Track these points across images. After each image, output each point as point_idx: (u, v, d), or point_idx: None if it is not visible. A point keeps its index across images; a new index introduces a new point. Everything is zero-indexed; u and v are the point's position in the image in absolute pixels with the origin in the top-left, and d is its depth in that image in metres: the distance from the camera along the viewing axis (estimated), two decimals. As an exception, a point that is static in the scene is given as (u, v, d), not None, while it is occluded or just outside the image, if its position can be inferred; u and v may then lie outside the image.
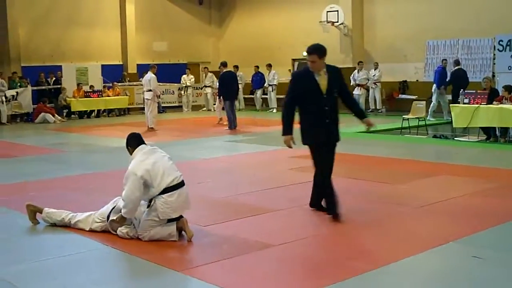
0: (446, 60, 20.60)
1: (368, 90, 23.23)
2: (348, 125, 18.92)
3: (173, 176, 6.51)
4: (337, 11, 24.20)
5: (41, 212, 7.24)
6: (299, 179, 10.00)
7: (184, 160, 12.48)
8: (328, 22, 24.29)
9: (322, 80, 7.39)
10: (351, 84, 22.69)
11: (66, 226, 7.09)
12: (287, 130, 7.63)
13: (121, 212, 6.55)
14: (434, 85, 20.05)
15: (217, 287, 5.20)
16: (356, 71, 23.08)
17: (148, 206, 6.54)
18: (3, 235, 7.09)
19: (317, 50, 7.44)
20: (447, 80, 19.84)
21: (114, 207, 6.83)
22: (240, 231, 6.95)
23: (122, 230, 6.65)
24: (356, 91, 22.52)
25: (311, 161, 7.63)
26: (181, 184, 6.56)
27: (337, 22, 24.27)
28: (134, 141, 6.81)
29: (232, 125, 18.51)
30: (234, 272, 5.68)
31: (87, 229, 6.93)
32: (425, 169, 10.94)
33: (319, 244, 6.47)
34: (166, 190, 6.41)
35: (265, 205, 8.20)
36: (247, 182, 9.92)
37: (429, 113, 19.43)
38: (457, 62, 19.88)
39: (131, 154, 6.74)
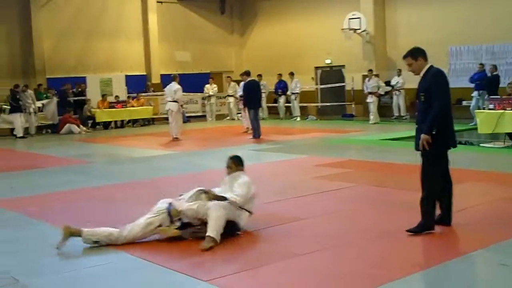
0: (482, 64, 20.41)
1: (379, 98, 23.06)
2: (371, 132, 19.05)
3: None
4: (359, 18, 24.16)
5: (79, 235, 6.88)
6: (324, 188, 9.99)
7: (208, 169, 12.53)
8: (350, 29, 24.27)
9: (420, 84, 7.10)
10: (364, 92, 22.73)
11: (111, 244, 6.86)
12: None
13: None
14: (480, 91, 19.82)
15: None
16: (367, 79, 22.88)
17: None
18: (31, 246, 7.15)
19: (410, 53, 7.29)
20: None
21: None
22: (265, 241, 6.96)
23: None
24: (369, 99, 22.37)
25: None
26: None
27: (359, 29, 24.25)
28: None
29: (256, 134, 18.52)
30: (260, 282, 5.68)
31: (140, 234, 6.92)
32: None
33: (343, 254, 6.43)
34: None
35: (290, 214, 8.17)
36: (272, 191, 9.90)
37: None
38: (495, 68, 19.64)
39: (234, 171, 7.55)
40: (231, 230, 7.00)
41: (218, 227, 6.73)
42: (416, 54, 7.16)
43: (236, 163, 7.66)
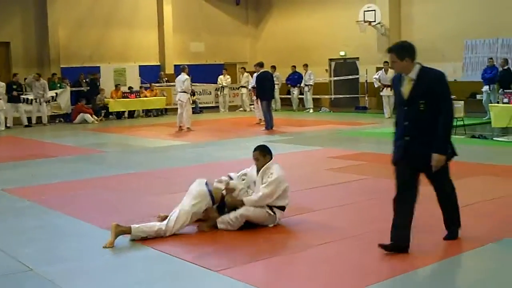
0: (492, 59, 20.30)
1: None
2: (385, 125, 18.98)
3: None
4: (374, 10, 24.08)
5: (129, 233, 6.66)
6: (337, 180, 10.01)
7: (220, 160, 12.55)
8: (365, 21, 24.19)
9: (407, 86, 6.08)
10: (375, 86, 22.30)
11: (159, 237, 6.74)
12: None
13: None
14: (490, 85, 19.75)
15: (254, 287, 5.24)
16: (382, 71, 22.00)
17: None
18: (44, 235, 7.20)
19: (394, 49, 6.15)
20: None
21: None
22: (278, 232, 6.97)
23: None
24: (385, 92, 21.65)
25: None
26: None
27: (374, 21, 24.16)
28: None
29: (269, 125, 18.53)
30: (274, 273, 5.71)
31: (186, 223, 6.86)
32: (464, 169, 10.80)
33: (358, 244, 6.45)
34: None
35: (303, 205, 8.18)
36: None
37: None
38: (506, 61, 19.54)
39: (262, 163, 7.26)
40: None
41: (232, 222, 6.91)
42: (402, 53, 6.02)
43: (263, 154, 7.29)
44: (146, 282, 5.49)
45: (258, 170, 7.24)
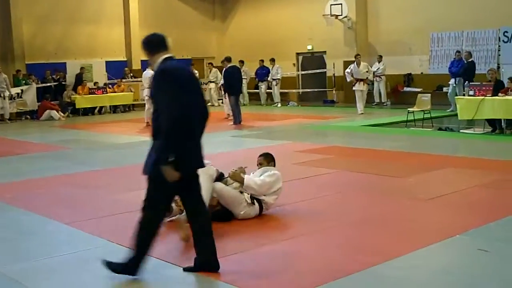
0: (459, 52, 20.43)
1: (370, 85, 22.59)
2: (353, 118, 19.07)
3: None
4: (341, 4, 24.17)
5: None
6: (305, 174, 10.01)
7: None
8: (332, 15, 24.26)
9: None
10: (348, 80, 21.33)
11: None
12: None
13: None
14: (457, 78, 19.83)
15: (220, 282, 5.22)
16: (354, 64, 20.90)
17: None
18: (8, 233, 7.09)
19: (143, 44, 5.61)
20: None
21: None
22: (246, 227, 6.94)
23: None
24: (357, 87, 20.59)
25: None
26: None
27: (341, 15, 24.25)
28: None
29: (237, 120, 18.49)
30: (243, 268, 5.66)
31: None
32: (431, 162, 10.91)
33: (325, 239, 6.44)
34: None
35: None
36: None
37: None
38: (470, 54, 19.70)
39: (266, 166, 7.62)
40: (220, 218, 6.99)
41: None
42: (149, 46, 5.51)
43: (267, 160, 7.70)
44: (112, 277, 5.40)
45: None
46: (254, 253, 6.01)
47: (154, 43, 5.46)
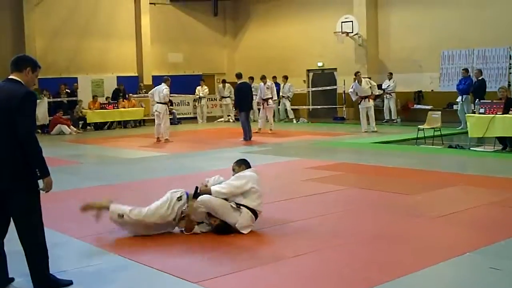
0: (466, 69, 20.42)
1: (376, 100, 22.52)
2: (362, 135, 19.05)
3: None
4: (352, 21, 24.21)
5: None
6: (315, 190, 10.00)
7: (198, 171, 12.49)
8: (342, 32, 24.30)
9: None
10: (353, 99, 21.14)
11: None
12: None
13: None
14: (464, 96, 19.83)
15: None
16: (356, 82, 20.27)
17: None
18: (18, 247, 7.09)
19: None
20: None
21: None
22: (255, 243, 6.94)
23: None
24: (364, 104, 20.16)
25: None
26: None
27: (352, 32, 24.28)
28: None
29: (247, 136, 18.51)
30: (248, 285, 5.66)
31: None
32: (441, 179, 10.87)
33: (333, 256, 6.43)
34: None
35: (280, 216, 8.16)
36: (262, 193, 9.88)
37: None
38: (480, 72, 19.68)
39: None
40: (223, 231, 7.05)
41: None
42: (21, 64, 5.39)
43: (238, 165, 7.87)
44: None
45: None
46: (261, 270, 6.00)
47: (31, 63, 5.46)
